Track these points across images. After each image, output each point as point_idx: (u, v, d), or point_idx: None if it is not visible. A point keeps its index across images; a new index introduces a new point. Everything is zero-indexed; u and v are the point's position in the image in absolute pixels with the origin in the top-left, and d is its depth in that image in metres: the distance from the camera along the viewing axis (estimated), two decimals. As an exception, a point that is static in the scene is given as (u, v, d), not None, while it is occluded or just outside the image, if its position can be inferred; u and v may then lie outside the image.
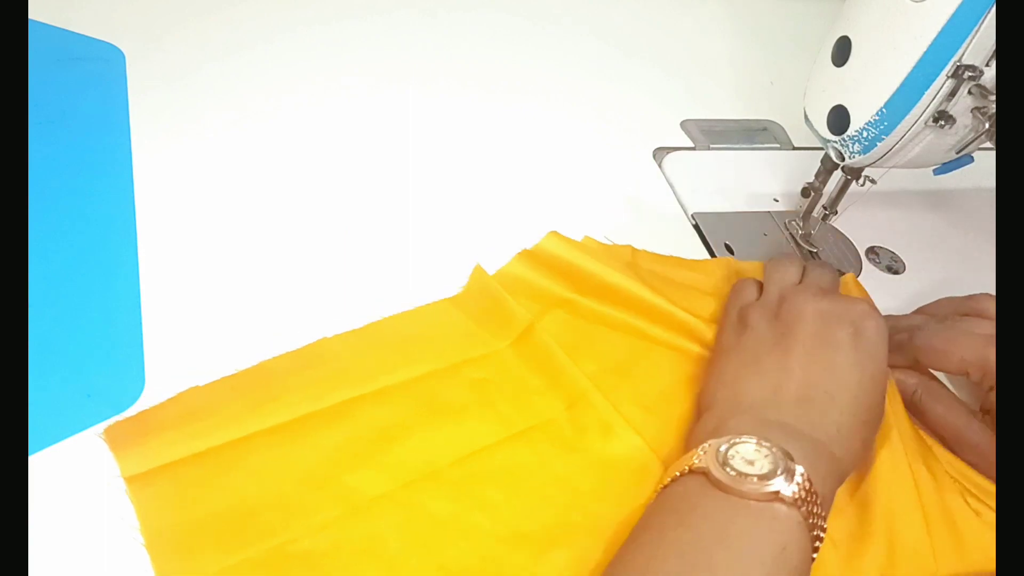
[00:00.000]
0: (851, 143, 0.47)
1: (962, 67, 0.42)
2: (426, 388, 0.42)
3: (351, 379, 0.41)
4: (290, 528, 0.35)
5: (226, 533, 0.34)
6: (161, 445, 0.36)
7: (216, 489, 0.36)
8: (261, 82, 0.56)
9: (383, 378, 0.41)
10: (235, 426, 0.38)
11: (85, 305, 0.41)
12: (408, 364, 0.42)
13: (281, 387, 0.40)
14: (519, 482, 0.39)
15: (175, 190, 0.48)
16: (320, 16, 0.63)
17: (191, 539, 0.34)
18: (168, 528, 0.34)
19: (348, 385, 0.40)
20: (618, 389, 0.43)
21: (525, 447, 0.40)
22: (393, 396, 0.41)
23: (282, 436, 0.38)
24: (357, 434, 0.39)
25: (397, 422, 0.40)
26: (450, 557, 0.36)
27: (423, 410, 0.40)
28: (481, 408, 0.41)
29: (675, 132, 0.62)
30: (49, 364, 0.38)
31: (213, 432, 0.37)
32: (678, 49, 0.71)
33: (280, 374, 0.40)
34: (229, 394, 0.39)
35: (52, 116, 0.50)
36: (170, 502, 0.35)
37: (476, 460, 0.39)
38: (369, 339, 0.43)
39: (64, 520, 0.34)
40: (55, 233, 0.44)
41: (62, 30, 0.55)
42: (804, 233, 0.54)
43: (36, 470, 0.35)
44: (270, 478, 0.36)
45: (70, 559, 0.33)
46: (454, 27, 0.66)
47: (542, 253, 0.48)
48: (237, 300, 0.43)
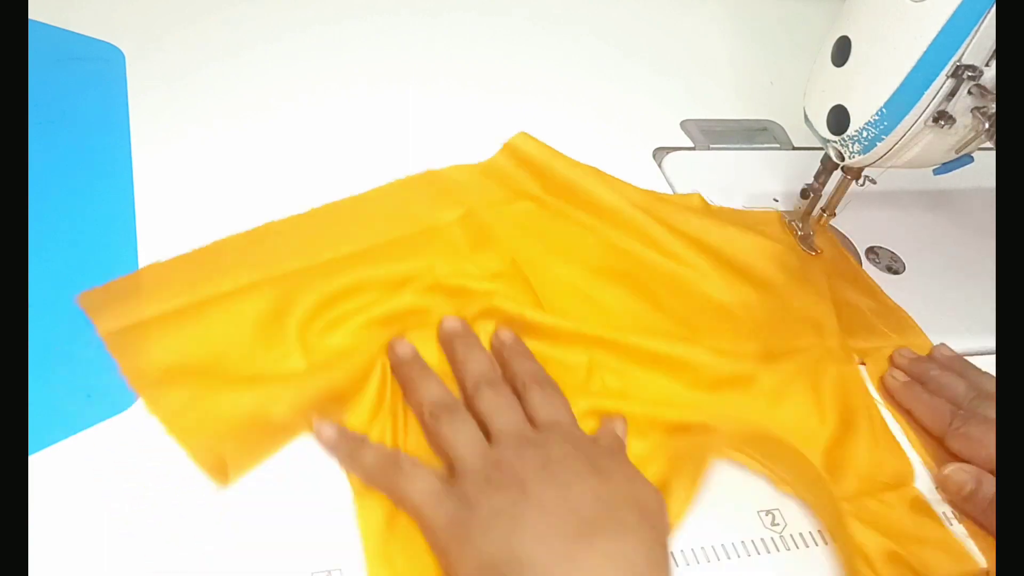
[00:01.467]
0: (851, 143, 0.47)
1: (962, 67, 0.42)
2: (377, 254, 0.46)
3: (301, 251, 0.45)
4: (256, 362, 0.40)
5: (200, 365, 0.39)
6: (131, 308, 0.41)
7: (185, 338, 0.40)
8: (261, 82, 0.56)
9: (331, 251, 0.45)
10: (194, 290, 0.42)
11: (85, 305, 0.41)
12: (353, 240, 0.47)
13: (231, 261, 0.44)
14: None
15: (175, 190, 0.48)
16: (320, 16, 0.63)
17: (170, 374, 0.39)
18: (148, 367, 0.39)
19: (297, 256, 0.45)
20: (547, 271, 0.48)
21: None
22: (343, 264, 0.45)
23: (240, 295, 0.42)
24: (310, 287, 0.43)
25: (353, 281, 0.44)
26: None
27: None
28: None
29: (675, 132, 0.62)
30: (49, 364, 0.38)
31: (176, 296, 0.41)
32: (678, 49, 0.71)
33: (229, 251, 0.45)
34: (184, 266, 0.43)
35: (52, 116, 0.50)
36: (146, 349, 0.39)
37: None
38: (317, 219, 0.48)
39: (64, 520, 0.34)
40: (55, 233, 0.44)
41: (62, 30, 0.55)
42: (804, 234, 0.54)
43: (36, 470, 0.35)
44: (234, 328, 0.41)
45: (70, 559, 0.33)
46: (454, 27, 0.66)
47: (516, 151, 0.54)
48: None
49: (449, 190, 0.51)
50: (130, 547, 0.34)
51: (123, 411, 0.38)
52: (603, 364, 0.44)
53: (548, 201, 0.52)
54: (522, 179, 0.53)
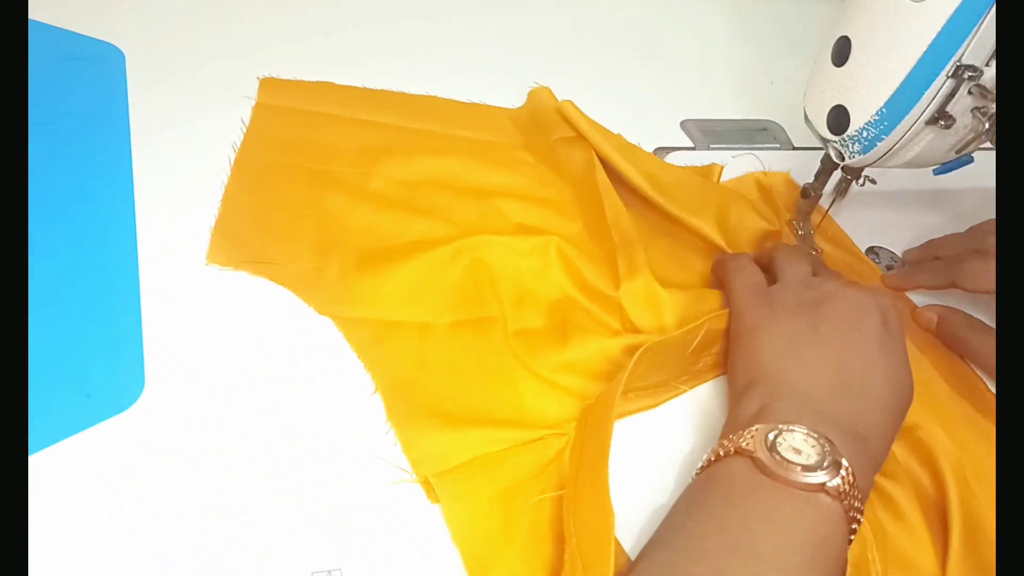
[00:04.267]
0: (851, 143, 0.47)
1: (962, 67, 0.42)
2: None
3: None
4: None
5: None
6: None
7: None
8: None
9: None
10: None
11: (85, 305, 0.41)
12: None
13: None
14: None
15: (175, 190, 0.48)
16: (319, 19, 0.63)
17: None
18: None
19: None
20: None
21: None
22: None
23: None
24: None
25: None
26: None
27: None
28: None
29: (675, 132, 0.62)
30: (49, 364, 0.38)
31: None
32: (678, 49, 0.71)
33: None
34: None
35: (52, 116, 0.49)
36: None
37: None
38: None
39: (64, 520, 0.34)
40: (55, 233, 0.44)
41: (62, 30, 0.55)
42: (804, 233, 0.54)
43: (36, 470, 0.35)
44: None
45: (70, 559, 0.33)
46: (454, 28, 0.66)
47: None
48: (237, 300, 0.43)
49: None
50: (130, 547, 0.34)
51: (123, 411, 0.38)
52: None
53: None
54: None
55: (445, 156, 0.52)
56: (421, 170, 0.51)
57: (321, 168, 0.50)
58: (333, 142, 0.52)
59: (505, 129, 0.57)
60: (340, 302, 0.43)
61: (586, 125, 0.53)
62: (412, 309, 0.44)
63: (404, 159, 0.51)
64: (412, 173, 0.51)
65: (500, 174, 0.53)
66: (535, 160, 0.55)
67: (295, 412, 0.40)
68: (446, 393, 0.41)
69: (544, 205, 0.51)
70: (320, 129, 0.52)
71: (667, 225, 0.52)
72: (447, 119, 0.56)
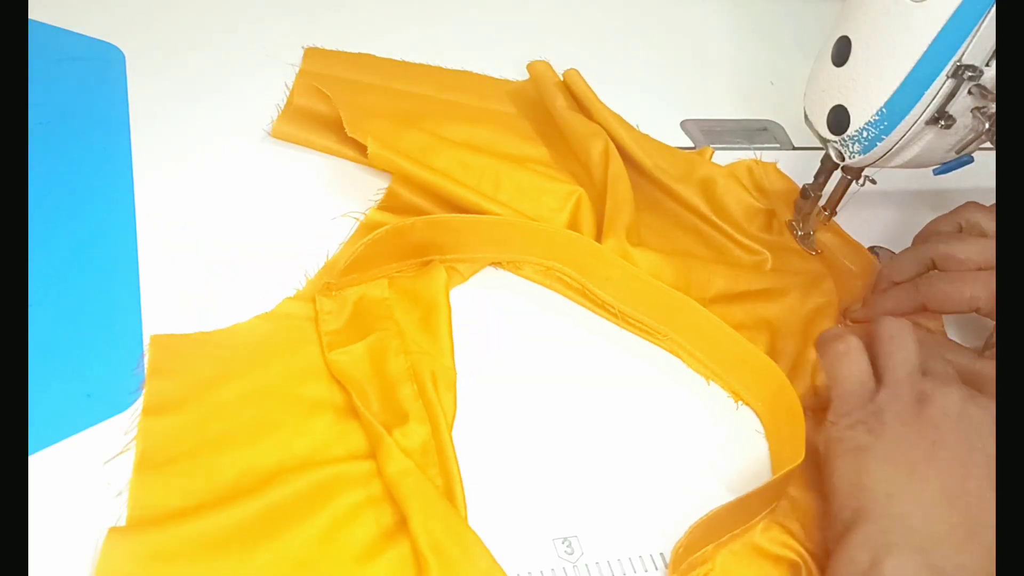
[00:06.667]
0: (851, 143, 0.47)
1: (962, 67, 0.42)
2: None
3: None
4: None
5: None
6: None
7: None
8: (261, 82, 0.56)
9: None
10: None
11: (85, 305, 0.41)
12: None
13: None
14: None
15: (175, 190, 0.48)
16: (319, 19, 0.63)
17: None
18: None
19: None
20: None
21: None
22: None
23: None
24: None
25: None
26: None
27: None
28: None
29: (675, 132, 0.62)
30: (49, 364, 0.38)
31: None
32: (678, 49, 0.71)
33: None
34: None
35: (52, 116, 0.49)
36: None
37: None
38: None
39: (64, 520, 0.34)
40: (55, 233, 0.44)
41: (62, 30, 0.55)
42: (804, 233, 0.55)
43: (36, 470, 0.35)
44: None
45: (70, 559, 0.33)
46: (454, 27, 0.66)
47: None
48: (238, 300, 0.43)
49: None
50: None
51: (123, 411, 0.38)
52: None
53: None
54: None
55: (476, 125, 0.55)
56: (454, 136, 0.53)
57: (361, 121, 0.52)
58: (371, 106, 0.54)
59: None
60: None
61: (590, 95, 0.57)
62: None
63: (438, 126, 0.53)
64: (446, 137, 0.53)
65: (527, 145, 0.55)
66: (552, 132, 0.57)
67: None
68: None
69: (570, 176, 0.54)
70: (359, 95, 0.55)
71: (657, 194, 0.55)
72: (479, 92, 0.59)
